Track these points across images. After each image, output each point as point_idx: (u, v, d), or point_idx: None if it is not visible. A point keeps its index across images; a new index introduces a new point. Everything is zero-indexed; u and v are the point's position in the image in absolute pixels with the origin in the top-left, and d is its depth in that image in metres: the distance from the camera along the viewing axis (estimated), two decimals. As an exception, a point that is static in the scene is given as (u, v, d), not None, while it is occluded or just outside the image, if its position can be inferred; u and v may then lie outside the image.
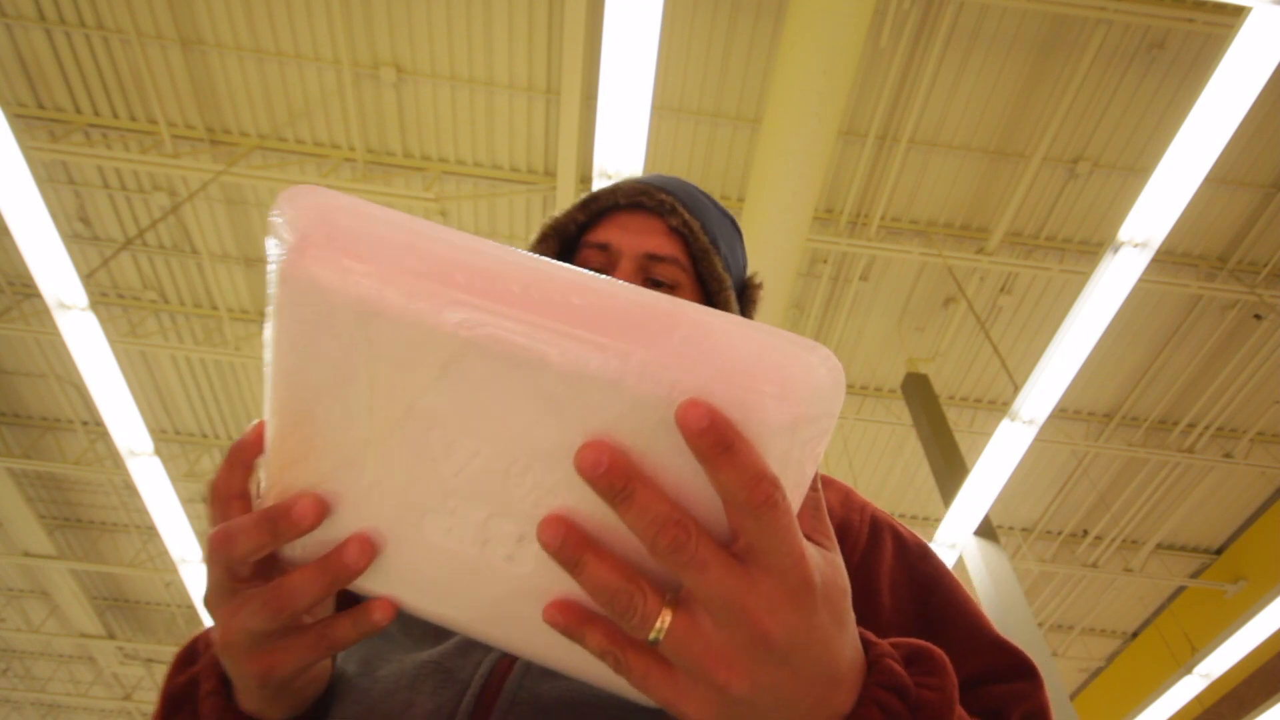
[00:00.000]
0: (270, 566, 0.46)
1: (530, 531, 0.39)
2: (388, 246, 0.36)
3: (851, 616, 0.43)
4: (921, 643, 0.50)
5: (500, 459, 0.38)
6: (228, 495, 0.45)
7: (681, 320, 0.35)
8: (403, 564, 0.44)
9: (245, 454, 0.45)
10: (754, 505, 0.35)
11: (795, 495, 0.38)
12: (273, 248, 0.37)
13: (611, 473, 0.36)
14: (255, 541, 0.42)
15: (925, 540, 0.78)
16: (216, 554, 0.43)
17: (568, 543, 0.38)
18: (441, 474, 0.39)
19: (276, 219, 0.37)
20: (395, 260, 0.35)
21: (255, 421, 0.45)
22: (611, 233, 0.86)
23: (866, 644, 0.46)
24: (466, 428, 0.38)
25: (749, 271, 1.00)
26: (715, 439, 0.34)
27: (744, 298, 0.95)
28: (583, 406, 0.36)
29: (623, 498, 0.36)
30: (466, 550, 0.42)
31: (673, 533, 0.36)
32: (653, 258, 0.85)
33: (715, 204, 0.97)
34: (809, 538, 0.40)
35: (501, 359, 0.35)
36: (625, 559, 0.38)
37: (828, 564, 0.40)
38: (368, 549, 0.43)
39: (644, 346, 0.35)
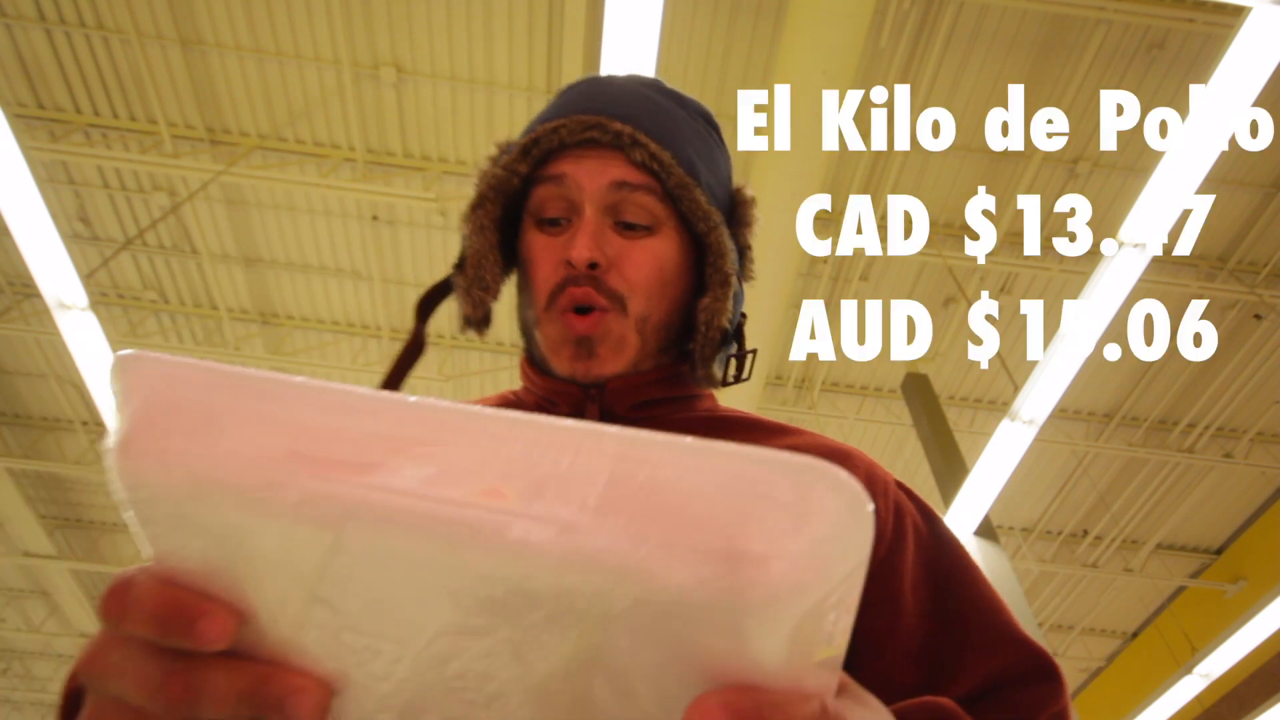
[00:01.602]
0: None
1: None
2: (234, 420, 0.29)
3: None
4: (934, 703, 0.47)
5: (427, 664, 0.30)
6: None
7: (617, 458, 0.26)
8: None
9: None
10: None
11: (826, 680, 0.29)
12: (111, 432, 0.30)
13: None
14: (142, 627, 0.29)
15: (939, 517, 0.73)
16: (104, 609, 0.30)
17: None
18: (369, 688, 0.31)
19: (112, 394, 0.31)
20: (245, 436, 0.28)
21: None
22: (566, 164, 0.72)
23: None
24: (378, 627, 0.30)
25: (736, 184, 0.83)
26: None
27: (734, 220, 0.80)
28: (505, 594, 0.28)
29: None
30: None
31: None
32: (622, 185, 0.71)
33: (685, 104, 0.80)
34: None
35: (391, 535, 0.28)
36: None
37: None
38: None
39: (567, 505, 0.26)
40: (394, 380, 0.71)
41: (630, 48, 3.37)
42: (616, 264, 0.70)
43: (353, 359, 6.63)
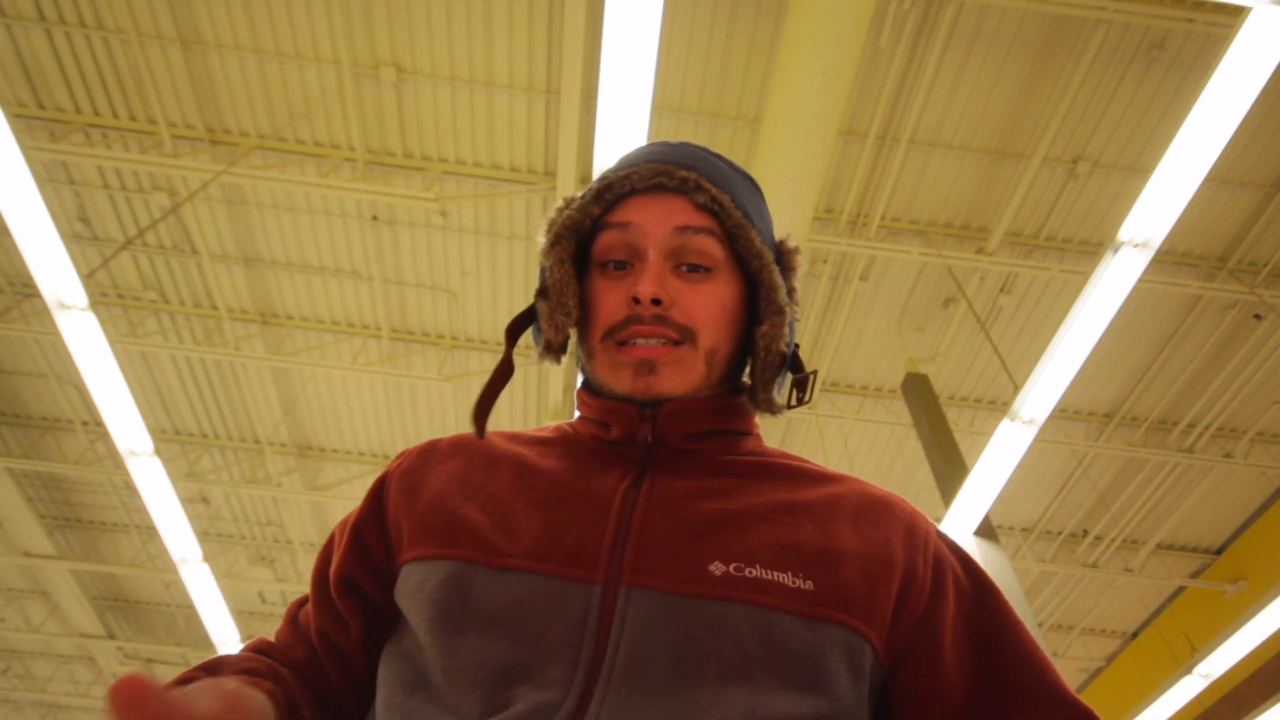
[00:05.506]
0: None
1: None
2: None
3: None
4: None
5: None
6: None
7: None
8: None
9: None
10: None
11: None
12: None
13: None
14: None
15: (981, 568, 0.74)
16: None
17: None
18: None
19: None
20: None
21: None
22: (632, 211, 0.77)
23: None
24: None
25: (779, 235, 0.91)
26: None
27: (782, 265, 0.85)
28: None
29: None
30: None
31: None
32: (685, 229, 0.76)
33: (734, 167, 0.87)
34: None
35: None
36: None
37: None
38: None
39: None
40: (487, 399, 0.77)
41: (630, 48, 3.37)
42: (679, 302, 0.75)
43: (353, 359, 6.63)
